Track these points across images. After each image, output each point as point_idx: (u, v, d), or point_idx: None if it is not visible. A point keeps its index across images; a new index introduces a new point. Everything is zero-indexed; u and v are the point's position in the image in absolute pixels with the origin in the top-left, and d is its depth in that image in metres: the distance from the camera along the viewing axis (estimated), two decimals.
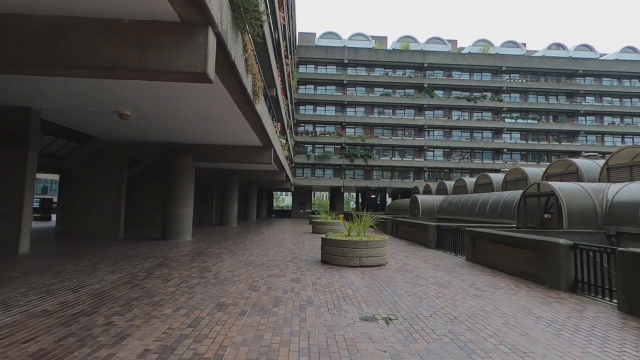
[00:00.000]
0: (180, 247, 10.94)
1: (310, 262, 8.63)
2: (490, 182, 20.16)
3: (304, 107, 41.07)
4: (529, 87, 41.73)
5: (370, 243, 8.20)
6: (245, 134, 11.54)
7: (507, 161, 40.62)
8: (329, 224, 17.72)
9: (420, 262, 9.04)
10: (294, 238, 14.95)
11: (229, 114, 8.93)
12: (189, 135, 12.31)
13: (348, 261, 8.11)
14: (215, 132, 11.53)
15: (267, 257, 9.27)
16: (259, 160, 13.74)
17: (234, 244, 12.39)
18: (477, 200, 18.00)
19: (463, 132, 41.45)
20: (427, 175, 40.48)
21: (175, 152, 13.27)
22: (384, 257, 8.47)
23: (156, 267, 7.47)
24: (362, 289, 6.05)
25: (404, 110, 41.36)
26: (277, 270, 7.46)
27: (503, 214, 15.15)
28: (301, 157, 38.96)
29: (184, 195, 13.17)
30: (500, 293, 5.91)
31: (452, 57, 41.49)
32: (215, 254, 9.64)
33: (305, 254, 10.23)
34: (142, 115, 9.34)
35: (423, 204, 22.79)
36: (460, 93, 41.73)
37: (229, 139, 12.72)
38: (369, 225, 9.19)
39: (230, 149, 13.66)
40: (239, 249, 10.99)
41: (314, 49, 41.00)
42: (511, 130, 41.41)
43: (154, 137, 12.57)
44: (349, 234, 9.17)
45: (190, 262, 8.22)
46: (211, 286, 5.93)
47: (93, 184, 13.19)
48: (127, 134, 12.16)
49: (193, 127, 10.82)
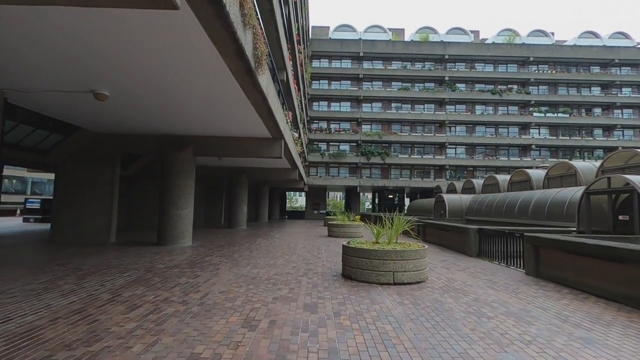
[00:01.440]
0: (174, 255, 9.27)
1: (328, 277, 6.79)
2: (528, 179, 17.91)
3: (318, 103, 39.29)
4: (559, 79, 38.83)
5: (407, 253, 6.30)
6: (251, 121, 9.81)
7: (535, 158, 37.88)
8: (347, 227, 15.85)
9: (468, 277, 7.09)
10: (308, 243, 13.15)
11: (227, 91, 7.20)
12: (188, 125, 10.67)
13: (378, 277, 6.24)
14: (216, 120, 9.84)
15: (274, 269, 7.48)
16: (268, 154, 12.00)
17: (239, 250, 10.67)
18: (515, 199, 15.82)
19: (487, 127, 38.87)
20: (448, 174, 38.07)
21: (172, 145, 11.66)
22: (424, 271, 6.56)
23: (130, 285, 5.77)
24: (406, 324, 4.19)
25: (424, 105, 39.08)
26: (286, 290, 5.66)
27: (552, 215, 12.97)
28: (315, 156, 37.19)
29: (182, 194, 11.54)
30: (617, 334, 3.94)
31: (475, 48, 38.99)
32: (212, 264, 7.92)
33: (322, 264, 8.40)
34: (123, 96, 7.71)
35: (450, 204, 20.65)
36: (484, 86, 39.16)
37: (232, 129, 11.02)
38: (402, 230, 7.28)
39: (235, 142, 11.96)
40: (242, 256, 9.25)
41: (327, 42, 39.19)
42: (540, 124, 38.60)
43: (148, 128, 10.98)
44: (377, 240, 7.30)
45: (177, 277, 6.50)
46: (190, 319, 4.16)
47: (81, 182, 11.70)
48: (117, 124, 10.60)
49: (188, 113, 9.15)
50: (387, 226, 7.28)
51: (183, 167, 11.63)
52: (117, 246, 10.74)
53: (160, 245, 11.12)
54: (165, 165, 11.61)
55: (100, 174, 11.82)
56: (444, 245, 12.21)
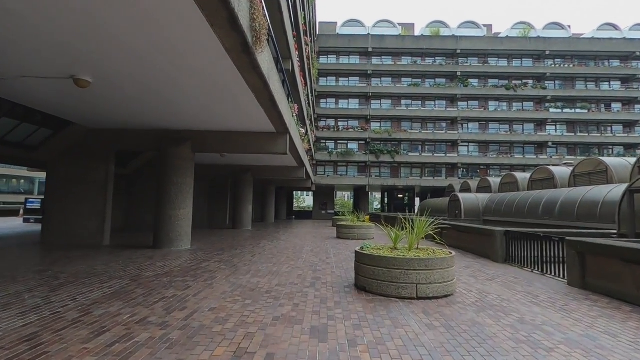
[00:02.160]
0: (168, 260, 8.42)
1: (339, 289, 5.85)
2: (551, 177, 16.72)
3: (325, 100, 38.33)
4: (577, 73, 37.26)
5: (433, 262, 5.33)
6: (253, 113, 8.93)
7: (552, 155, 36.40)
8: (357, 228, 14.89)
9: (502, 289, 6.08)
10: (316, 245, 12.22)
11: (223, 75, 6.31)
12: (184, 119, 9.83)
13: (398, 289, 5.29)
14: (214, 111, 8.98)
15: (277, 279, 6.56)
16: (272, 150, 11.10)
17: (240, 253, 9.78)
18: (538, 199, 14.68)
19: (501, 124, 37.48)
20: (460, 173, 36.79)
21: (169, 141, 10.83)
22: (452, 283, 5.58)
23: (106, 300, 4.90)
24: (442, 357, 3.23)
25: (435, 101, 37.85)
26: (289, 307, 4.73)
27: (583, 216, 11.83)
28: (323, 154, 36.24)
29: (180, 193, 10.70)
30: None
31: (488, 42, 37.61)
32: (208, 272, 7.03)
33: (331, 271, 7.47)
34: (109, 82, 6.87)
35: (466, 204, 19.53)
36: (498, 81, 37.75)
37: (233, 123, 10.15)
38: (424, 235, 6.29)
39: (236, 137, 11.09)
40: (243, 262, 8.36)
41: (335, 37, 38.20)
42: (556, 121, 37.07)
43: (143, 122, 10.18)
44: (395, 246, 6.34)
45: (165, 288, 5.62)
46: (165, 351, 3.26)
47: (73, 180, 10.95)
48: (110, 118, 9.82)
49: (184, 103, 8.30)
50: (407, 229, 6.30)
51: (181, 164, 10.80)
52: (110, 249, 9.94)
53: (156, 249, 10.31)
54: (162, 162, 10.79)
55: (93, 172, 11.05)
56: (464, 248, 11.17)
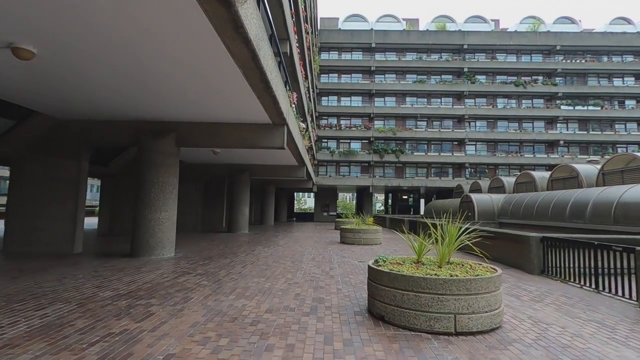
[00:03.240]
0: (140, 273, 7.02)
1: (348, 317, 4.45)
2: (574, 176, 15.28)
3: (327, 97, 36.95)
4: (589, 69, 35.76)
5: (477, 284, 3.93)
6: (244, 99, 7.56)
7: (563, 154, 34.90)
8: (362, 232, 13.48)
9: (560, 316, 4.66)
10: (317, 252, 10.82)
11: (199, 41, 4.94)
12: (167, 108, 8.48)
13: (430, 321, 3.88)
14: (198, 96, 7.61)
15: (269, 300, 5.16)
16: (268, 143, 9.71)
17: (230, 263, 8.39)
18: (564, 199, 13.23)
19: (510, 122, 36.00)
20: (468, 172, 35.32)
21: (149, 133, 9.45)
22: (500, 311, 4.17)
23: (24, 339, 3.51)
24: None
25: (441, 98, 36.42)
26: (280, 352, 3.33)
27: (622, 218, 10.39)
28: (324, 154, 34.85)
29: (162, 193, 9.32)
30: None
31: (496, 37, 36.19)
32: (183, 290, 5.64)
33: (337, 287, 6.06)
34: (60, 55, 5.50)
35: (479, 206, 18.09)
36: (507, 78, 36.32)
37: (223, 112, 8.78)
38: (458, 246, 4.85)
39: (227, 129, 9.71)
40: (231, 275, 6.96)
41: (337, 33, 36.85)
42: (568, 119, 35.57)
43: (119, 111, 8.82)
44: (420, 259, 4.93)
45: (116, 318, 4.22)
46: None
47: (39, 179, 9.58)
48: (81, 107, 8.46)
49: (163, 87, 6.93)
50: (437, 238, 4.88)
51: (163, 160, 9.42)
52: (79, 259, 8.56)
53: (133, 257, 8.93)
54: (140, 157, 9.42)
55: (63, 170, 9.68)
56: (488, 257, 9.73)
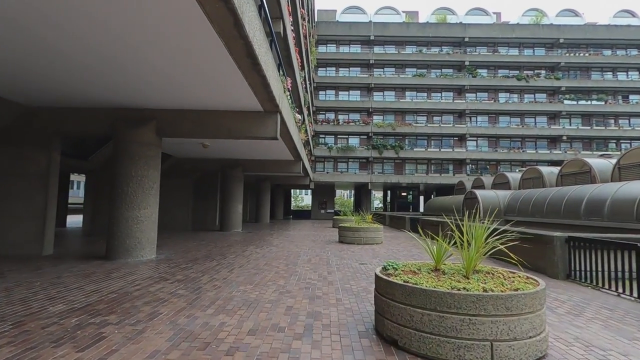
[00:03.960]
0: (109, 279, 6.08)
1: (351, 340, 3.53)
2: (586, 171, 14.43)
3: (325, 92, 35.94)
4: (593, 62, 34.93)
5: (519, 301, 3.03)
6: (228, 78, 6.61)
7: (566, 150, 34.12)
8: (362, 231, 12.58)
9: (613, 336, 3.77)
10: (314, 253, 9.91)
11: (174, 8, 3.99)
12: (147, 93, 7.53)
13: (459, 350, 2.99)
14: (182, 81, 6.65)
15: (253, 317, 4.23)
16: (260, 133, 8.76)
17: (215, 267, 7.46)
18: (578, 196, 12.38)
19: (512, 117, 35.16)
20: (469, 169, 34.50)
21: (126, 122, 8.48)
22: (545, 335, 3.26)
23: None
24: None
25: (441, 92, 35.50)
26: None
27: None
28: (322, 149, 33.88)
29: (140, 188, 8.37)
30: None
31: (498, 30, 35.26)
32: (153, 302, 4.71)
33: (336, 297, 5.16)
34: (22, 30, 4.52)
35: (484, 202, 17.23)
36: (509, 71, 35.42)
37: (208, 97, 7.83)
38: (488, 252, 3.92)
39: (214, 117, 8.75)
40: (214, 281, 6.04)
41: (335, 25, 35.79)
42: (571, 113, 34.76)
43: (93, 97, 7.86)
44: (438, 265, 4.02)
45: (53, 345, 3.29)
46: None
47: (4, 173, 8.60)
48: (50, 93, 7.49)
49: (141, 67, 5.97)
50: (457, 239, 3.95)
51: (142, 152, 8.45)
52: (45, 262, 7.61)
53: (108, 260, 7.98)
54: (117, 148, 8.46)
55: (31, 163, 8.70)
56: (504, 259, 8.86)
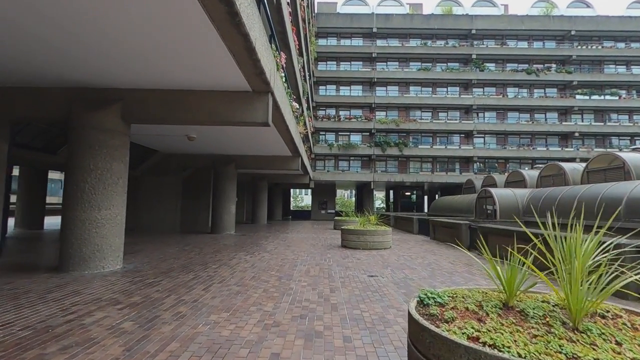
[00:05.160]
0: (39, 304, 4.57)
1: None
2: (620, 166, 12.88)
3: (325, 87, 34.40)
4: (606, 55, 33.35)
5: None
6: (201, 38, 5.11)
7: (578, 147, 32.57)
8: (369, 234, 11.07)
9: None
10: (314, 261, 8.38)
11: None
12: (107, 65, 6.05)
13: None
14: (150, 46, 5.14)
15: None
16: (247, 117, 7.24)
17: (190, 281, 5.95)
18: (616, 194, 10.84)
19: (521, 112, 33.57)
20: (476, 167, 32.95)
21: (83, 103, 6.98)
22: None
23: None
24: None
25: (447, 87, 33.94)
26: None
27: None
28: (322, 147, 32.35)
29: (100, 184, 6.86)
30: None
31: (506, 22, 33.69)
32: (78, 346, 3.19)
33: (343, 335, 3.62)
34: None
35: (502, 202, 15.68)
36: (517, 65, 33.85)
37: (182, 71, 6.33)
38: (615, 288, 2.40)
39: (193, 99, 7.23)
40: (180, 305, 4.52)
41: (335, 17, 34.25)
42: (583, 109, 33.19)
43: (47, 75, 6.36)
44: (511, 301, 2.48)
45: None
46: None
47: None
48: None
49: (91, 26, 4.47)
50: (553, 261, 2.42)
51: (104, 140, 6.94)
52: None
53: (59, 273, 6.47)
54: (73, 136, 6.93)
55: None
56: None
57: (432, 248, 11.71)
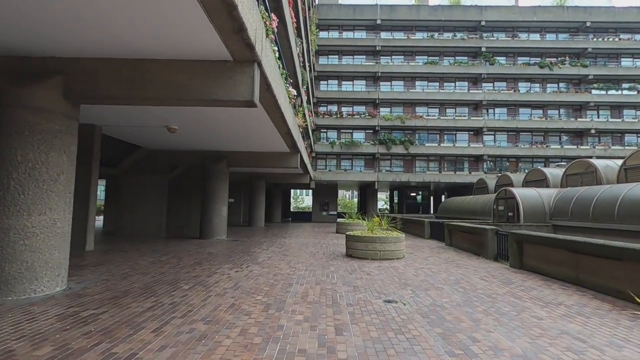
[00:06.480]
0: None
1: None
2: None
3: (326, 82, 32.73)
4: (623, 48, 31.61)
5: None
6: None
7: (595, 145, 30.82)
8: (379, 241, 9.38)
9: None
10: (314, 278, 6.70)
11: None
12: (51, 29, 4.38)
13: None
14: None
15: None
16: (226, 95, 5.57)
17: (146, 312, 4.27)
18: None
19: (534, 109, 31.82)
20: (486, 166, 31.24)
21: (15, 77, 5.32)
22: None
23: None
24: None
25: (455, 82, 32.22)
26: None
27: None
28: (323, 145, 30.69)
29: (31, 181, 5.22)
30: None
31: (518, 13, 31.97)
32: None
33: None
34: None
35: (526, 203, 13.96)
36: (529, 59, 32.11)
37: (137, 25, 4.67)
38: None
39: (156, 70, 5.57)
40: (117, 357, 2.84)
41: (338, 8, 32.60)
42: (599, 105, 31.44)
43: None
44: None
45: None
46: None
47: None
48: None
49: None
50: None
51: (38, 123, 5.29)
52: None
53: None
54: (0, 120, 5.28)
55: None
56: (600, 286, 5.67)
57: (452, 257, 10.02)
